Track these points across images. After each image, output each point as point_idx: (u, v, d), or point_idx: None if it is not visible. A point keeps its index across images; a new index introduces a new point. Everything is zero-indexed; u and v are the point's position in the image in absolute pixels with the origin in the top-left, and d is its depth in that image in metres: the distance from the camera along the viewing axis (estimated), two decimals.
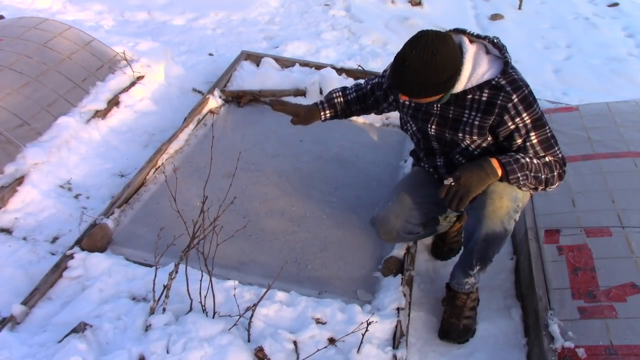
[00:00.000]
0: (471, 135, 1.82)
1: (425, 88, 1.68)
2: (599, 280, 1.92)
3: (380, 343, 1.86)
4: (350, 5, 5.22)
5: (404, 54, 1.66)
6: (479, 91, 1.75)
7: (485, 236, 1.83)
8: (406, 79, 1.67)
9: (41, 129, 2.75)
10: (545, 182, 1.79)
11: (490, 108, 1.75)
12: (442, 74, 1.66)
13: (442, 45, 1.64)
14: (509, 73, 1.74)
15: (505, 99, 1.72)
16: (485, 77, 1.73)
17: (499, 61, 1.76)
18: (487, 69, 1.73)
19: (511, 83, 1.73)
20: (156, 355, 1.63)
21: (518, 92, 1.72)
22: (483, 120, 1.77)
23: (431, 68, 1.63)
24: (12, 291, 2.02)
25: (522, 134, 1.76)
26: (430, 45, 1.62)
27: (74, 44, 3.25)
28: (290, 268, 2.20)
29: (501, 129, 1.77)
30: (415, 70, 1.64)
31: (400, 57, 1.67)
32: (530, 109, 1.74)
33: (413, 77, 1.65)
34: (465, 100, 1.79)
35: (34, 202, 2.46)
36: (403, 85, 1.71)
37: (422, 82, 1.66)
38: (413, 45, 1.64)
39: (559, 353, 1.76)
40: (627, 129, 2.64)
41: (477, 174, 1.74)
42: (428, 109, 1.90)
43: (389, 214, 2.04)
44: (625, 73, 4.32)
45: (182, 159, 2.77)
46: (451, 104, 1.82)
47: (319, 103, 2.21)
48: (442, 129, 1.89)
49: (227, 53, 4.14)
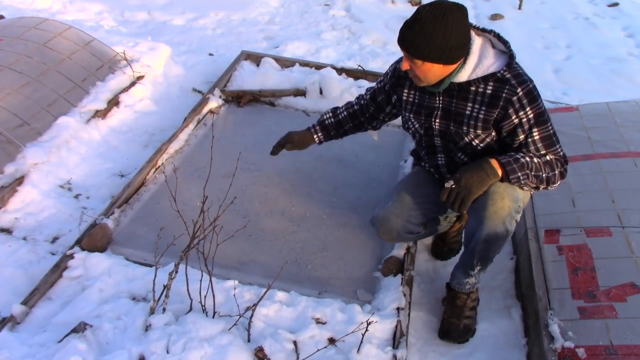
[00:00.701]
0: (475, 129, 1.82)
1: (429, 46, 1.68)
2: (599, 280, 1.92)
3: (380, 343, 1.86)
4: (350, 5, 5.22)
5: (418, 9, 1.69)
6: (484, 83, 1.76)
7: (487, 237, 1.83)
8: (413, 30, 1.68)
9: (41, 129, 2.75)
10: (547, 181, 1.79)
11: (494, 101, 1.75)
12: (449, 38, 1.67)
13: (457, 11, 1.67)
14: (514, 67, 1.75)
15: (510, 92, 1.73)
16: (491, 69, 1.74)
17: (504, 55, 1.78)
18: (493, 62, 1.75)
19: (516, 77, 1.74)
20: (156, 355, 1.63)
21: (523, 85, 1.73)
22: (487, 113, 1.78)
23: (440, 26, 1.65)
24: (12, 291, 2.02)
25: (524, 129, 1.76)
26: (445, 7, 1.66)
27: (74, 44, 3.25)
28: (290, 268, 2.20)
29: (505, 123, 1.77)
30: (424, 24, 1.66)
31: (414, 13, 1.70)
32: (534, 103, 1.75)
33: (420, 30, 1.66)
34: (468, 93, 1.79)
35: (34, 202, 2.46)
36: (407, 37, 1.71)
37: (428, 39, 1.66)
38: (430, 4, 1.68)
39: (559, 353, 1.76)
40: (627, 129, 2.64)
41: (478, 175, 1.74)
42: (431, 102, 1.90)
43: (389, 214, 2.04)
44: (625, 73, 4.32)
45: (182, 159, 2.77)
46: (454, 96, 1.82)
47: (311, 127, 2.30)
48: (446, 123, 1.89)
49: (227, 53, 4.14)
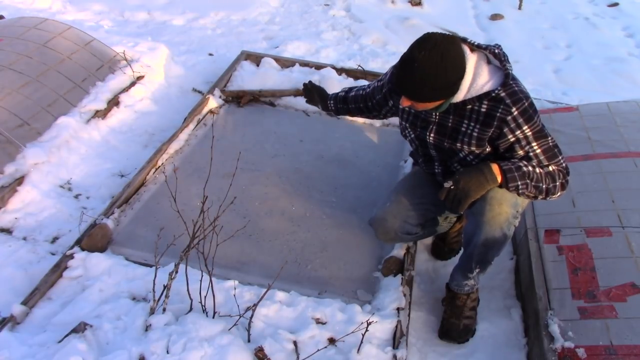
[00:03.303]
0: (469, 146, 1.81)
1: (432, 90, 1.66)
2: (599, 280, 1.91)
3: (380, 343, 1.86)
4: (350, 5, 5.22)
5: (413, 56, 1.63)
6: (479, 102, 1.73)
7: (485, 242, 1.83)
8: (414, 80, 1.64)
9: (41, 129, 2.75)
10: (546, 192, 1.77)
11: (489, 120, 1.73)
12: (451, 77, 1.64)
13: (451, 47, 1.63)
14: (510, 85, 1.71)
15: (505, 111, 1.70)
16: (485, 88, 1.71)
17: (499, 72, 1.73)
18: (488, 80, 1.71)
19: (511, 95, 1.70)
20: (156, 355, 1.63)
21: (518, 104, 1.70)
22: (482, 132, 1.76)
23: (440, 69, 1.61)
24: (12, 291, 2.02)
25: (523, 145, 1.74)
26: (439, 47, 1.60)
27: (74, 44, 3.25)
28: (290, 268, 2.20)
29: (501, 142, 1.75)
30: (424, 71, 1.61)
31: (409, 59, 1.64)
32: (530, 122, 1.72)
33: (421, 78, 1.63)
34: (464, 110, 1.77)
35: (34, 202, 2.46)
36: (409, 88, 1.68)
37: (431, 84, 1.64)
38: (422, 47, 1.62)
39: (559, 353, 1.76)
40: (627, 129, 2.63)
41: (477, 179, 1.74)
42: (427, 116, 1.88)
43: (387, 215, 2.04)
44: (625, 73, 4.32)
45: (182, 159, 2.77)
46: (450, 112, 1.81)
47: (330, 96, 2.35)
48: (441, 138, 1.87)
49: (227, 53, 4.14)
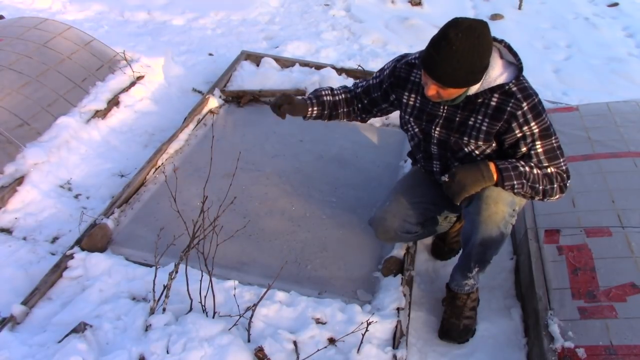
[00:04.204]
0: (477, 140, 1.81)
1: (467, 74, 1.63)
2: (599, 280, 1.91)
3: (380, 343, 1.86)
4: (350, 5, 5.22)
5: (449, 37, 1.57)
6: (490, 94, 1.73)
7: (482, 241, 1.83)
8: (451, 62, 1.59)
9: (41, 129, 2.75)
10: (543, 193, 1.77)
11: (498, 114, 1.73)
12: (484, 61, 1.64)
13: (486, 30, 1.61)
14: (521, 80, 1.72)
15: (515, 106, 1.70)
16: (498, 80, 1.71)
17: (512, 67, 1.74)
18: (500, 73, 1.71)
19: (522, 90, 1.71)
20: (156, 355, 1.63)
21: (528, 100, 1.70)
22: (491, 125, 1.76)
23: (477, 52, 1.59)
24: (12, 291, 2.02)
25: (527, 142, 1.74)
26: (475, 30, 1.58)
27: (73, 44, 3.25)
28: (290, 268, 2.20)
29: (507, 136, 1.75)
30: (463, 55, 1.58)
31: (444, 41, 1.59)
32: (539, 118, 1.72)
33: (459, 60, 1.59)
34: (475, 104, 1.77)
35: (34, 202, 2.46)
36: (445, 70, 1.62)
37: (468, 67, 1.61)
38: (458, 29, 1.57)
39: (559, 353, 1.76)
40: (627, 129, 2.63)
41: (473, 175, 1.74)
42: (434, 110, 1.87)
43: (386, 214, 2.04)
44: (625, 73, 4.31)
45: (182, 159, 2.77)
46: (459, 107, 1.80)
47: (307, 99, 2.08)
48: (447, 132, 1.87)
49: (227, 53, 4.14)
